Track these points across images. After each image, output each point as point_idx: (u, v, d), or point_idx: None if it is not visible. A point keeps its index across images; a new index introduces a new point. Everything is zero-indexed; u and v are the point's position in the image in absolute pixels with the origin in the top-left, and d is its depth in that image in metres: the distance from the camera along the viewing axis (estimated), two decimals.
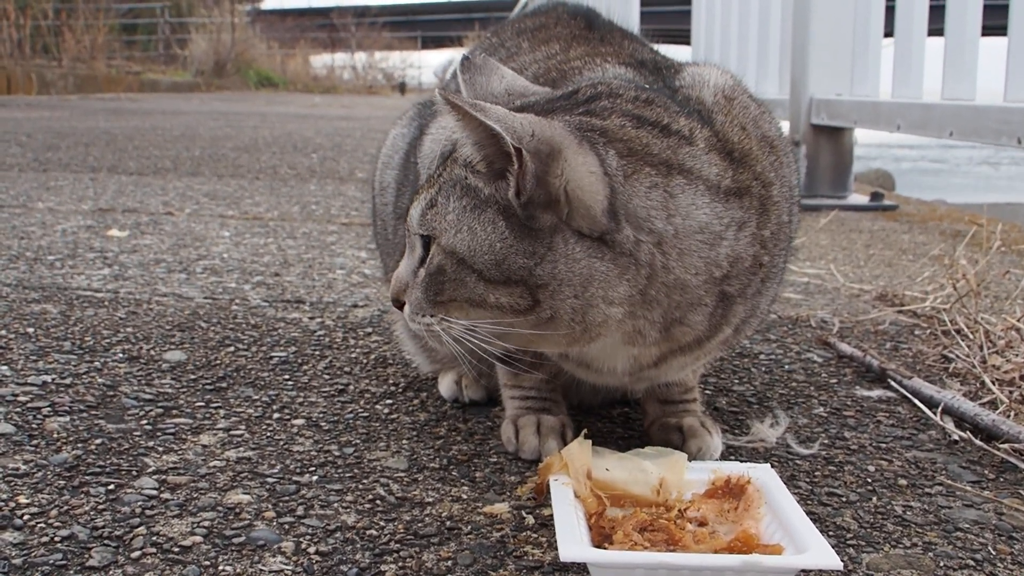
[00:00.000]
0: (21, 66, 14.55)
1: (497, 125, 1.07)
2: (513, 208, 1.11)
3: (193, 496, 1.24)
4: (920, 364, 1.95)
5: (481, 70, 1.29)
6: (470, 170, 1.15)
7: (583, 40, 1.53)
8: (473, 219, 1.13)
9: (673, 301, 1.17)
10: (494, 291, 1.12)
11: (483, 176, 1.14)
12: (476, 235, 1.13)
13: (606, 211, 1.11)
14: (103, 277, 2.48)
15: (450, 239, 1.14)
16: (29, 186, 4.23)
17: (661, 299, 1.16)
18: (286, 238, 3.20)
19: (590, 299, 1.12)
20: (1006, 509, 1.29)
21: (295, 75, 25.34)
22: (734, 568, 0.98)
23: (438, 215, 1.16)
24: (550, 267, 1.11)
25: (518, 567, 1.10)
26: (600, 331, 1.16)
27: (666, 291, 1.16)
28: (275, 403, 1.60)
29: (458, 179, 1.16)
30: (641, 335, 1.19)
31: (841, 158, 4.42)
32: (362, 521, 1.19)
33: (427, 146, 1.47)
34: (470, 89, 1.27)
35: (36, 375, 1.67)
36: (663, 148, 1.17)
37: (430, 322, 1.18)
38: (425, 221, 1.17)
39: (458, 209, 1.14)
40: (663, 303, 1.17)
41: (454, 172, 1.17)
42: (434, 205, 1.17)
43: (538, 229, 1.11)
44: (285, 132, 8.13)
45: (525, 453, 1.40)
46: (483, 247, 1.12)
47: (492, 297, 1.13)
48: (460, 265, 1.13)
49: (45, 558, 1.07)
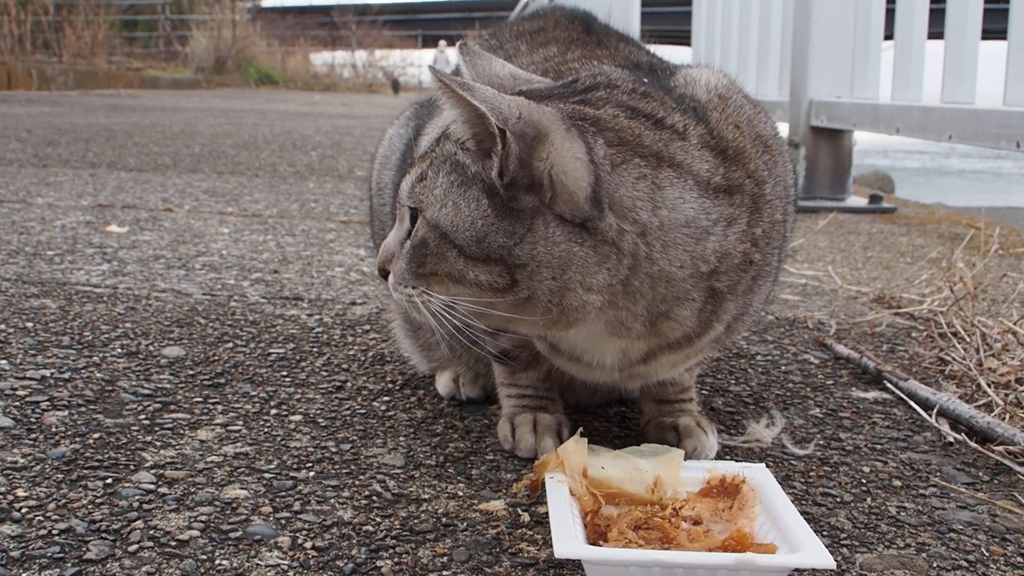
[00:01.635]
0: (21, 62, 14.55)
1: (483, 105, 1.09)
2: (497, 188, 1.13)
3: (191, 491, 1.24)
4: (916, 366, 1.96)
5: (480, 55, 1.30)
6: (460, 147, 1.17)
7: (580, 43, 1.53)
8: (459, 195, 1.15)
9: (658, 294, 1.18)
10: (473, 268, 1.14)
11: (472, 154, 1.16)
12: (460, 211, 1.15)
13: (589, 198, 1.12)
14: (102, 273, 2.49)
15: (435, 213, 1.16)
16: (29, 181, 4.24)
17: (645, 291, 1.17)
18: (285, 235, 3.20)
19: (567, 283, 1.13)
20: (1000, 511, 1.30)
21: (295, 73, 25.36)
22: (728, 566, 0.99)
23: (426, 188, 1.18)
24: (529, 248, 1.12)
25: (513, 564, 1.10)
26: (578, 316, 1.17)
27: (650, 283, 1.17)
28: (273, 399, 1.60)
29: (448, 155, 1.18)
30: (625, 327, 1.20)
31: (840, 160, 4.43)
32: (359, 517, 1.20)
33: (424, 145, 1.48)
34: (472, 71, 1.27)
35: (35, 369, 1.68)
36: (655, 140, 1.17)
37: (411, 293, 1.20)
38: (414, 193, 1.20)
39: (445, 184, 1.17)
40: (647, 295, 1.17)
41: (445, 148, 1.20)
42: (424, 178, 1.19)
43: (519, 210, 1.13)
44: (285, 130, 8.13)
45: (521, 451, 1.41)
46: (465, 223, 1.14)
47: (471, 274, 1.14)
48: (443, 239, 1.15)
49: (43, 551, 1.07)
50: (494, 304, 1.16)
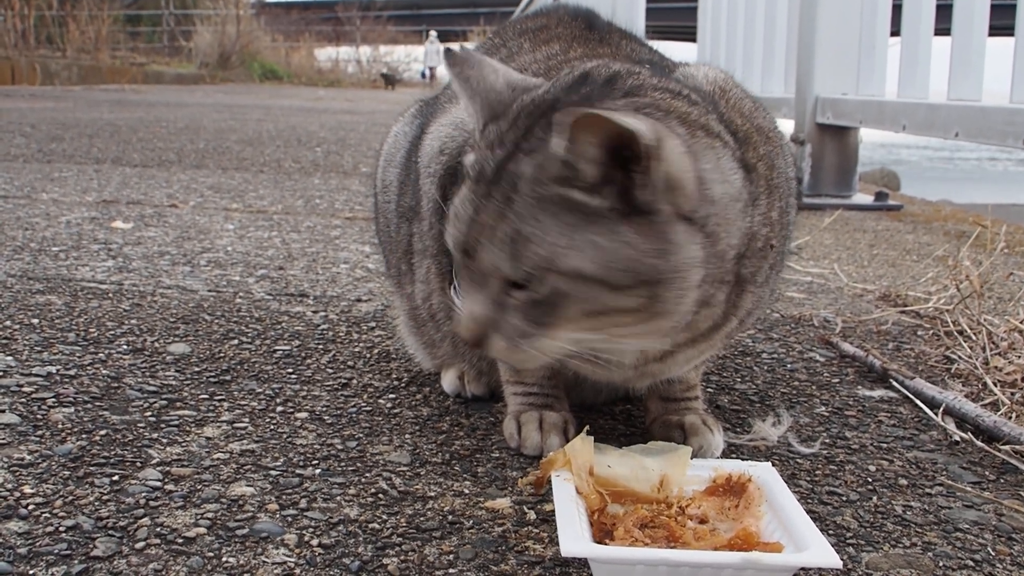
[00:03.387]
0: (25, 56, 14.56)
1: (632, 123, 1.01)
2: (628, 210, 1.06)
3: (197, 488, 1.25)
4: (922, 365, 1.95)
5: (469, 63, 1.21)
6: (567, 184, 1.07)
7: (583, 40, 1.53)
8: (591, 233, 1.07)
9: (711, 275, 1.14)
10: (618, 297, 1.08)
11: (585, 187, 1.06)
12: (600, 248, 1.06)
13: (695, 186, 1.09)
14: (107, 269, 2.49)
15: (568, 262, 1.07)
16: (33, 177, 4.24)
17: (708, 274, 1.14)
18: (290, 232, 3.20)
19: (691, 284, 1.11)
20: (1006, 510, 1.30)
21: (299, 68, 25.37)
22: (734, 565, 0.99)
23: (537, 245, 1.07)
24: (673, 259, 1.08)
25: (519, 562, 1.10)
26: (690, 317, 1.14)
27: (715, 264, 1.14)
28: (279, 396, 1.61)
29: (549, 198, 1.07)
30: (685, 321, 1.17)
31: (846, 157, 4.42)
32: (365, 514, 1.20)
33: (428, 144, 1.48)
34: (465, 84, 1.20)
35: (41, 366, 1.68)
36: (699, 115, 1.16)
37: (537, 345, 1.12)
38: (522, 258, 1.07)
39: (566, 229, 1.07)
40: (707, 279, 1.14)
41: (539, 192, 1.08)
42: (522, 238, 1.07)
43: (657, 223, 1.07)
44: (289, 125, 8.14)
45: (527, 449, 1.41)
46: (609, 258, 1.06)
47: (615, 302, 1.08)
48: (583, 282, 1.07)
49: (50, 548, 1.07)
50: (628, 326, 1.11)
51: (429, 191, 1.45)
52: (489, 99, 1.18)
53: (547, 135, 1.08)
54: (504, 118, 1.16)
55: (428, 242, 1.49)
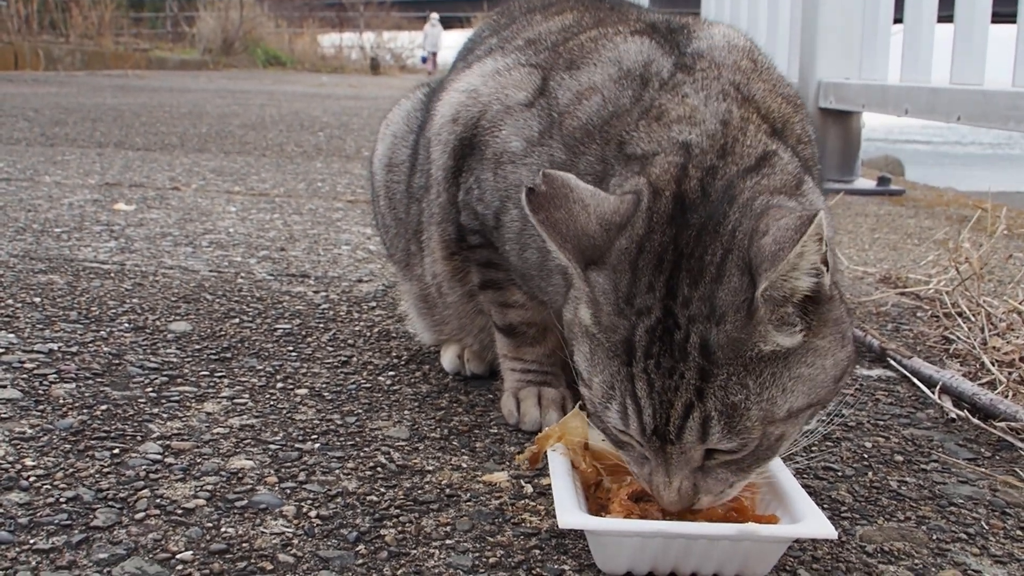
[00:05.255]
0: (28, 42, 14.54)
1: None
2: (810, 319, 1.00)
3: (197, 461, 1.26)
4: (921, 345, 1.96)
5: (555, 203, 1.03)
6: (769, 339, 0.97)
7: (593, 9, 1.52)
8: (797, 367, 0.99)
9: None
10: (824, 402, 1.06)
11: (784, 326, 0.98)
12: (805, 379, 1.00)
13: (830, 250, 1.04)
14: (109, 249, 2.50)
15: (782, 409, 0.99)
16: (36, 160, 4.25)
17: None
18: (292, 214, 3.21)
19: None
20: (1001, 485, 1.31)
21: (303, 54, 25.31)
22: (729, 536, 1.00)
23: (751, 410, 0.97)
24: (849, 344, 1.06)
25: (516, 534, 1.11)
26: None
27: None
28: (279, 373, 1.61)
29: (744, 359, 0.96)
30: None
31: (848, 142, 4.41)
32: (363, 487, 1.21)
33: (440, 111, 1.46)
34: (554, 232, 1.02)
35: (43, 343, 1.69)
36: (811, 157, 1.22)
37: (745, 482, 1.06)
38: (735, 430, 0.97)
39: (775, 379, 0.98)
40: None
41: (743, 357, 0.96)
42: (735, 412, 0.97)
43: (829, 312, 1.02)
44: (292, 111, 8.13)
45: (526, 425, 1.42)
46: (816, 381, 1.01)
47: (812, 410, 1.05)
48: (795, 417, 1.01)
49: (50, 518, 1.09)
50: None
51: (440, 159, 1.43)
52: (582, 245, 1.02)
53: (720, 285, 0.97)
54: (619, 271, 1.02)
55: (435, 210, 1.48)
